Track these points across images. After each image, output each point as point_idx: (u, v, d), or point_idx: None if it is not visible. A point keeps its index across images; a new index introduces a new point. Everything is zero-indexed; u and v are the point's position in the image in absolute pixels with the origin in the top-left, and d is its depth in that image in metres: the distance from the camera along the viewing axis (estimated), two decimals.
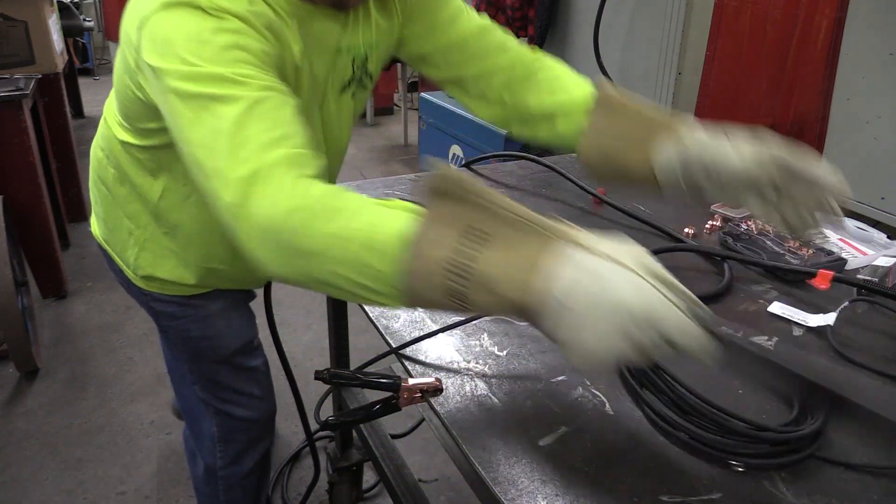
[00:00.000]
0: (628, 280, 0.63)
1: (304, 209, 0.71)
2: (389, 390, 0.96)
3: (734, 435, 0.86)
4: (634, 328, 0.62)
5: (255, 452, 1.50)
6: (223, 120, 0.76)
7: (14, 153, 2.79)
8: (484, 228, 0.65)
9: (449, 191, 0.67)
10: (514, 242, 0.65)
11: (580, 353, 0.65)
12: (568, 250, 0.66)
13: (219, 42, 0.81)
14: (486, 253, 0.64)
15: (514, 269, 0.64)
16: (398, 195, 1.62)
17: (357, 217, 0.70)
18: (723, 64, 2.42)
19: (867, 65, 2.05)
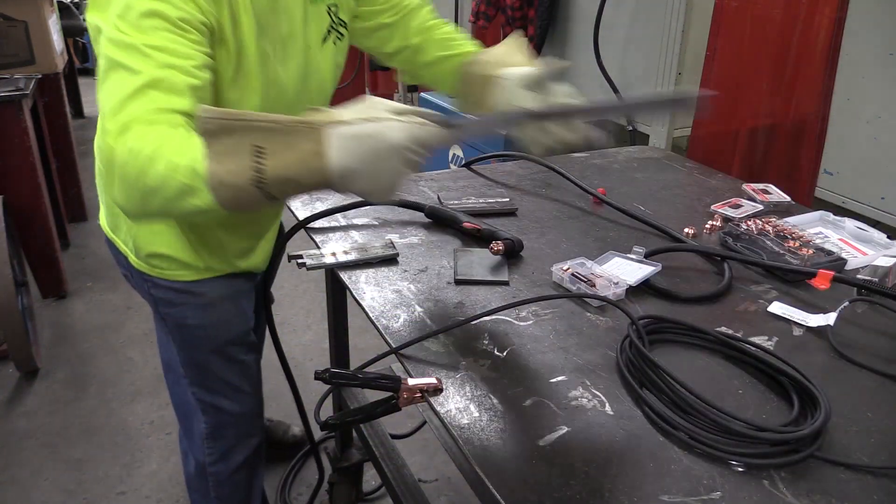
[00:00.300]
0: (385, 126, 0.84)
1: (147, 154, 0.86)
2: (389, 390, 0.96)
3: (734, 435, 0.86)
4: (409, 154, 0.85)
5: (243, 448, 1.53)
6: (122, 87, 0.91)
7: (14, 153, 2.79)
8: (261, 145, 0.81)
9: (217, 127, 0.82)
10: (290, 145, 0.82)
11: (378, 193, 0.88)
12: (331, 131, 0.83)
13: (139, 8, 0.92)
14: (272, 161, 0.81)
15: (303, 164, 0.82)
16: (398, 195, 1.62)
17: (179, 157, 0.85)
18: (723, 64, 2.42)
19: (867, 65, 2.05)
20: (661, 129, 2.79)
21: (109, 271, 3.34)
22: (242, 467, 1.54)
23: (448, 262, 1.30)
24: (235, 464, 1.53)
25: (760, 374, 1.00)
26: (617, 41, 3.01)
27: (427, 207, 1.45)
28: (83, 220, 3.84)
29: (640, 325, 1.04)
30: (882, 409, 0.95)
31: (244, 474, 1.55)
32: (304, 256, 1.27)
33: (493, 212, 1.53)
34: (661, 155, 2.00)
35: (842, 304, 1.16)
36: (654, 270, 1.24)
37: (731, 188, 1.72)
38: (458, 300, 1.18)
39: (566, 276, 1.22)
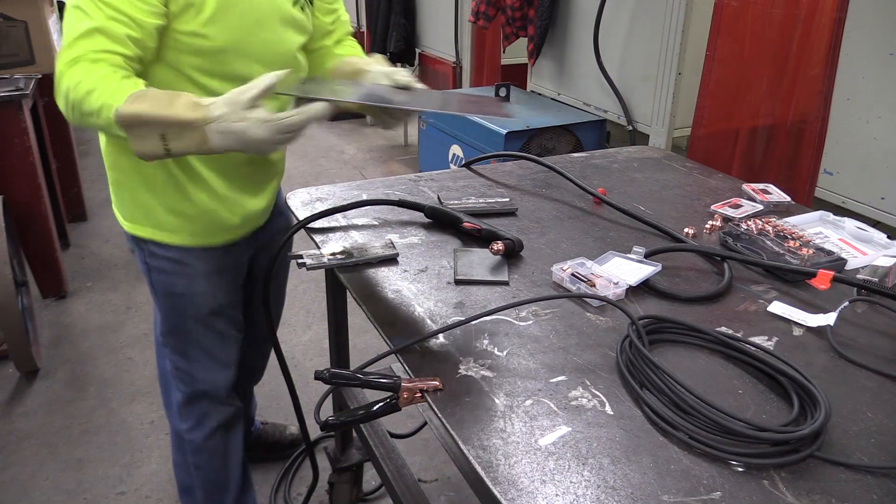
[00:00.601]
0: (248, 126, 1.09)
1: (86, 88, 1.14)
2: (389, 390, 0.97)
3: (734, 435, 0.86)
4: (275, 141, 1.11)
5: (217, 414, 1.64)
6: (77, 27, 1.18)
7: (14, 153, 2.79)
8: (165, 134, 1.11)
9: (130, 122, 1.10)
10: (184, 135, 1.11)
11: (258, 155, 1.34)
12: (208, 128, 1.10)
13: None
14: (174, 144, 1.12)
15: (196, 147, 1.12)
16: (398, 195, 1.62)
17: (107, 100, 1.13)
18: (723, 64, 2.42)
19: (867, 65, 2.05)
20: (661, 129, 2.80)
21: (109, 271, 3.34)
22: (217, 432, 1.64)
23: (448, 262, 1.30)
24: (209, 429, 1.63)
25: (760, 374, 1.00)
26: (617, 41, 3.01)
27: (427, 207, 1.45)
28: (83, 220, 3.85)
29: (640, 325, 1.04)
30: (882, 409, 0.95)
31: (219, 440, 1.65)
32: (304, 256, 1.28)
33: (493, 212, 1.53)
34: (661, 155, 2.00)
35: (842, 304, 1.16)
36: (654, 270, 1.24)
37: (731, 188, 1.72)
38: (458, 300, 1.18)
39: (566, 276, 1.22)
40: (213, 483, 1.68)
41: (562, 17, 3.35)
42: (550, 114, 3.25)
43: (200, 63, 1.31)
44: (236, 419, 1.69)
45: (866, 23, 2.04)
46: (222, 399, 1.64)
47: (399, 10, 4.80)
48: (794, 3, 2.17)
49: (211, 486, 1.68)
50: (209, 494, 1.69)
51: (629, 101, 2.98)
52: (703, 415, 0.88)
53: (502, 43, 3.78)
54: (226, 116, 1.08)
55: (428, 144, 3.75)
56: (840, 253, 1.34)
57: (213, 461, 1.66)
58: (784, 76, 2.26)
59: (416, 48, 4.92)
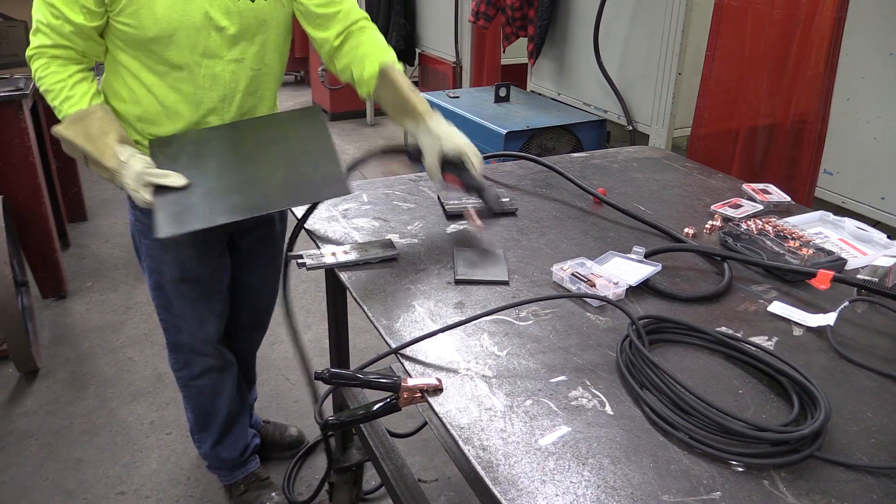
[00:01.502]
0: (130, 192, 1.37)
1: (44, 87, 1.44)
2: (389, 390, 0.97)
3: (734, 435, 0.86)
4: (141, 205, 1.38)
5: (201, 362, 1.81)
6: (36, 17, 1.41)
7: (14, 153, 2.79)
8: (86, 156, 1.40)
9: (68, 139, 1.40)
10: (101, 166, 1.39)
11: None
12: (119, 173, 1.37)
13: None
14: (91, 165, 1.41)
15: (107, 175, 1.39)
16: (398, 195, 1.62)
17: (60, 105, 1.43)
18: (723, 64, 2.42)
19: (867, 65, 2.05)
20: (661, 129, 2.80)
21: (109, 271, 3.34)
22: (202, 375, 1.82)
23: (448, 262, 1.30)
24: (195, 372, 1.82)
25: (760, 374, 1.00)
26: (617, 41, 3.01)
27: (410, 149, 1.47)
28: (83, 220, 3.84)
29: (640, 325, 1.04)
30: (882, 409, 0.95)
31: (206, 381, 1.84)
32: (304, 256, 1.28)
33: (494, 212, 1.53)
34: (661, 155, 2.00)
35: (842, 304, 1.16)
36: (654, 270, 1.24)
37: (731, 188, 1.72)
38: (458, 300, 1.18)
39: (566, 276, 1.22)
40: (201, 410, 1.89)
41: (562, 17, 3.35)
42: (550, 114, 3.25)
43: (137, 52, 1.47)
44: (224, 367, 1.85)
45: (866, 23, 2.04)
46: (204, 351, 1.80)
47: (399, 9, 4.80)
48: (794, 3, 2.17)
49: (200, 412, 1.90)
50: (198, 418, 1.91)
51: (629, 101, 2.98)
52: (703, 415, 0.88)
53: (502, 43, 3.78)
54: (127, 180, 1.36)
55: None
56: (840, 253, 1.34)
57: (200, 397, 1.87)
58: (784, 76, 2.25)
59: (416, 48, 4.92)
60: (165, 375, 2.57)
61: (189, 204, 1.32)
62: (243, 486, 2.00)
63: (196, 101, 1.50)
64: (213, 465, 2.01)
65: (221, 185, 1.37)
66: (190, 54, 1.46)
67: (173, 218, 1.30)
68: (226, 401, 1.89)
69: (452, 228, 1.46)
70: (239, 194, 1.35)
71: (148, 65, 1.47)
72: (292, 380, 2.56)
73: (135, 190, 1.35)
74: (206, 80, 1.49)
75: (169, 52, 1.45)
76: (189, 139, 1.49)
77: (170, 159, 1.42)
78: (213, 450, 1.95)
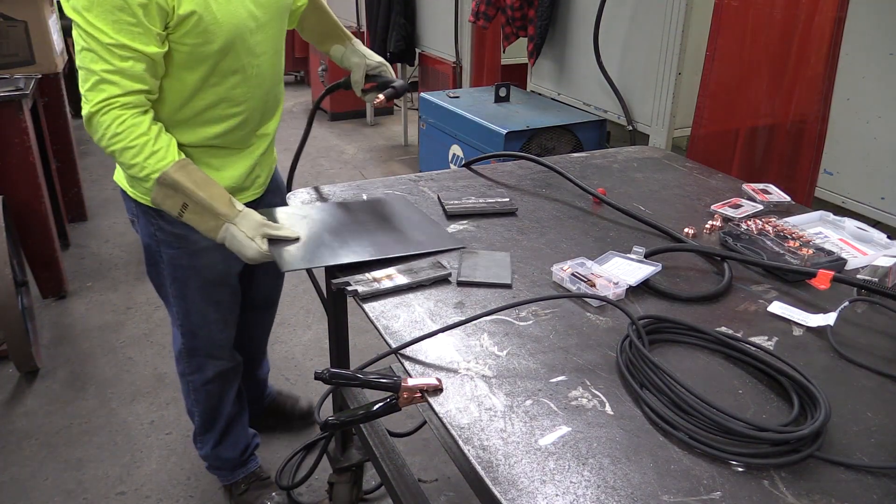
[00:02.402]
0: (247, 246, 1.37)
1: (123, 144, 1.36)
2: (389, 390, 0.97)
3: (734, 435, 0.86)
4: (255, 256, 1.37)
5: (214, 367, 1.83)
6: (94, 67, 1.31)
7: (14, 153, 2.79)
8: (187, 203, 1.39)
9: (168, 184, 1.37)
10: (202, 215, 1.39)
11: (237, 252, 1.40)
12: (223, 226, 1.39)
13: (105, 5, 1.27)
14: (188, 215, 1.40)
15: (205, 228, 1.40)
16: (398, 194, 1.62)
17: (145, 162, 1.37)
18: (723, 64, 2.42)
19: (867, 65, 2.05)
20: (661, 129, 2.80)
21: (109, 271, 3.34)
22: (214, 380, 1.85)
23: (448, 262, 1.30)
24: (207, 377, 1.84)
25: (760, 374, 1.00)
26: (617, 41, 3.01)
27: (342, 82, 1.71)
28: (83, 220, 3.84)
29: (640, 325, 1.04)
30: (882, 409, 0.95)
31: (215, 386, 1.87)
32: (351, 283, 1.21)
33: (493, 212, 1.53)
34: (661, 155, 2.00)
35: (842, 304, 1.16)
36: (654, 270, 1.24)
37: (731, 188, 1.72)
38: (459, 300, 1.18)
39: (566, 276, 1.22)
40: (208, 413, 1.92)
41: (562, 17, 3.35)
42: (550, 114, 3.25)
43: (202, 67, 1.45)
44: (233, 371, 1.90)
45: (866, 23, 2.04)
46: (220, 355, 1.83)
47: (399, 9, 4.79)
48: (794, 3, 2.17)
49: (207, 415, 1.92)
50: (204, 421, 1.93)
51: (629, 101, 2.98)
52: (703, 415, 0.88)
53: (502, 43, 3.78)
54: (242, 227, 1.37)
55: (428, 144, 3.75)
56: (840, 253, 1.34)
57: (209, 400, 1.89)
58: (784, 76, 2.25)
59: (416, 48, 4.92)
60: (165, 375, 2.57)
61: (309, 250, 1.36)
62: (244, 486, 2.01)
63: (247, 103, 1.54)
64: (213, 465, 2.02)
65: (334, 240, 1.39)
66: (246, 56, 1.47)
67: (301, 258, 1.33)
68: (230, 402, 1.92)
69: (452, 228, 1.46)
70: (353, 245, 1.37)
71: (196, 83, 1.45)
72: (292, 380, 2.56)
73: (250, 238, 1.35)
74: (255, 78, 1.53)
75: (226, 60, 1.44)
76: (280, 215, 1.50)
77: None
78: (214, 450, 1.96)
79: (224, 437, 1.95)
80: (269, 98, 1.62)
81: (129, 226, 1.74)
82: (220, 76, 1.46)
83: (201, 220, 1.39)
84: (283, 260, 1.31)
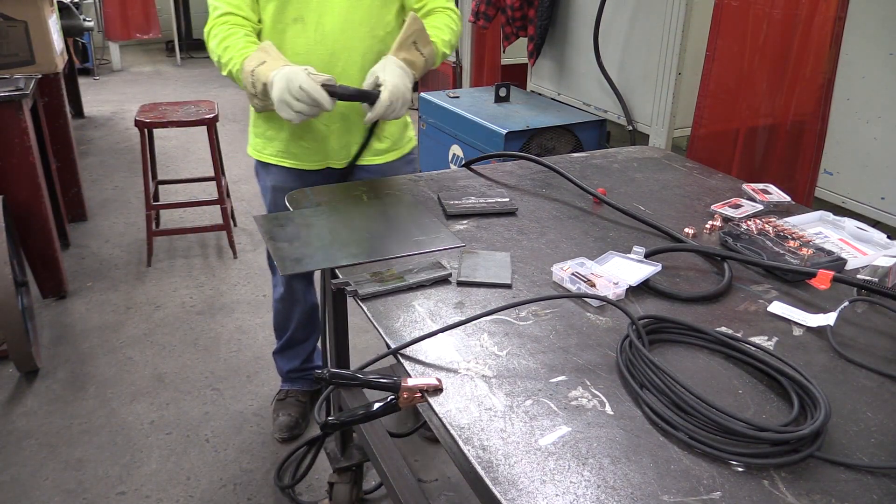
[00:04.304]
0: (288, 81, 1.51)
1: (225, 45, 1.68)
2: (389, 390, 0.97)
3: (734, 435, 0.86)
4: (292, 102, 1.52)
5: (278, 291, 2.20)
6: (217, 6, 1.72)
7: (14, 153, 2.79)
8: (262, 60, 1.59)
9: (260, 51, 1.62)
10: (267, 68, 1.56)
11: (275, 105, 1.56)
12: (273, 73, 1.53)
13: None
14: (259, 69, 1.57)
15: (264, 75, 1.56)
16: (398, 194, 1.62)
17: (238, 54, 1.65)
18: (723, 64, 2.42)
19: (867, 65, 2.05)
20: (661, 129, 2.80)
21: (109, 271, 3.34)
22: (281, 300, 2.20)
23: (448, 262, 1.30)
24: (278, 295, 2.21)
25: (760, 374, 1.00)
26: (617, 41, 3.01)
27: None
28: (83, 220, 3.84)
29: (640, 325, 1.04)
30: (882, 409, 0.95)
31: (281, 305, 2.22)
32: (351, 283, 1.21)
33: (493, 212, 1.53)
34: (661, 155, 2.00)
35: (842, 304, 1.16)
36: (654, 270, 1.24)
37: (731, 188, 1.72)
38: (458, 300, 1.18)
39: (566, 276, 1.22)
40: (276, 325, 2.31)
41: (562, 17, 3.36)
42: (550, 114, 3.25)
43: None
44: (291, 301, 2.19)
45: (866, 23, 2.04)
46: (285, 285, 2.16)
47: None
48: (794, 3, 2.17)
49: (275, 327, 2.32)
50: (275, 330, 2.33)
51: (629, 101, 2.98)
52: (703, 415, 0.88)
53: (502, 43, 3.78)
54: (277, 75, 1.52)
55: (428, 144, 3.75)
56: (840, 253, 1.34)
57: (277, 315, 2.27)
58: (784, 76, 2.25)
59: None
60: (165, 375, 2.57)
61: (308, 252, 1.35)
62: (281, 395, 2.37)
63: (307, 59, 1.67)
64: (276, 366, 2.40)
65: (334, 240, 1.41)
66: (307, 6, 1.68)
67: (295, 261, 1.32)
68: (291, 325, 2.24)
69: (452, 228, 1.46)
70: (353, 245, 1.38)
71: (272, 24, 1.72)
72: None
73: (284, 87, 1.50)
74: (317, 34, 1.70)
75: (290, 4, 1.68)
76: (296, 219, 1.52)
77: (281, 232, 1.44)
78: (276, 355, 2.36)
79: (283, 350, 2.32)
80: (335, 63, 1.72)
81: (129, 226, 1.79)
82: (285, 23, 1.70)
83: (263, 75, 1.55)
84: (283, 263, 1.31)
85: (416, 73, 1.67)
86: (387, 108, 1.55)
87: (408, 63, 1.64)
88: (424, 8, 1.81)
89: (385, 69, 1.59)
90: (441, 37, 1.76)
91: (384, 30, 1.77)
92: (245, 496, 2.05)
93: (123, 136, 5.23)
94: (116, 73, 7.16)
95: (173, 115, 3.29)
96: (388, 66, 1.60)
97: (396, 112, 1.58)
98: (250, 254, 3.52)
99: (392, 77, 1.57)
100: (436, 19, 1.80)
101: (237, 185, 4.30)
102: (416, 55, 1.66)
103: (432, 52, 1.71)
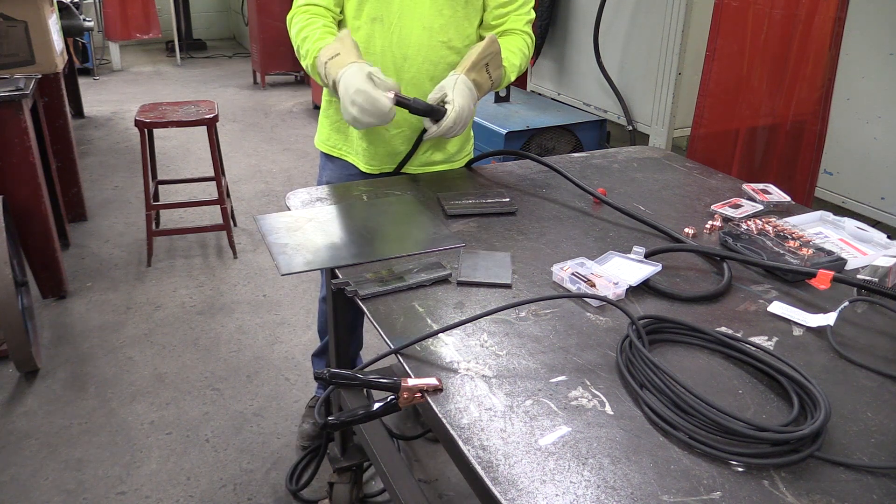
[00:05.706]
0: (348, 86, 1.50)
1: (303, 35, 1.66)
2: (389, 390, 0.97)
3: (734, 435, 0.86)
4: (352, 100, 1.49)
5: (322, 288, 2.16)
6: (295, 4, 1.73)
7: (14, 153, 2.79)
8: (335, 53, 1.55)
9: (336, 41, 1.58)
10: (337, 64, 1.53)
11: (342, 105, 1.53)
12: (341, 71, 1.51)
13: None
14: (330, 63, 1.54)
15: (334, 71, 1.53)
16: (398, 194, 1.62)
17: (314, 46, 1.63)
18: (723, 64, 2.42)
19: (867, 65, 2.05)
20: (661, 129, 2.80)
21: (109, 271, 3.34)
22: (323, 300, 2.15)
23: (448, 262, 1.30)
24: (321, 297, 2.18)
25: (760, 374, 1.00)
26: (617, 41, 3.01)
27: None
28: (83, 220, 3.84)
29: (640, 325, 1.04)
30: (882, 409, 0.95)
31: (325, 306, 2.12)
32: (350, 284, 1.21)
33: (493, 212, 1.53)
34: (661, 155, 2.00)
35: (842, 304, 1.16)
36: (654, 270, 1.24)
37: (731, 188, 1.72)
38: (458, 300, 1.18)
39: (566, 276, 1.22)
40: (321, 323, 2.27)
41: (562, 16, 3.36)
42: (550, 114, 3.25)
43: None
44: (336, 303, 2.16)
45: (866, 23, 2.04)
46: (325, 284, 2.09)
47: None
48: (794, 3, 2.17)
49: (320, 325, 2.29)
50: (319, 330, 2.31)
51: (629, 101, 2.98)
52: (703, 415, 0.88)
53: None
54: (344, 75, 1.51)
55: None
56: (840, 253, 1.34)
57: (321, 315, 2.24)
58: (784, 76, 2.26)
59: None
60: (165, 375, 2.57)
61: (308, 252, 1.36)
62: (312, 402, 2.34)
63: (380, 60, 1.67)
64: (313, 370, 2.43)
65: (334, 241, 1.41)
66: (387, 8, 1.66)
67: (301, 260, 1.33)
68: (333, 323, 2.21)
69: (452, 228, 1.46)
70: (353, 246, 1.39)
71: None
72: (292, 380, 2.56)
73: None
74: (394, 37, 1.68)
75: (370, 2, 1.66)
76: None
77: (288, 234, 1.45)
78: (315, 357, 2.34)
79: (322, 353, 2.30)
80: (407, 68, 1.69)
81: (129, 226, 1.76)
82: (362, 20, 1.69)
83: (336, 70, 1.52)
84: (283, 263, 1.31)
85: (480, 95, 1.66)
86: (449, 130, 1.57)
87: (476, 84, 1.62)
88: (502, 27, 1.76)
89: (455, 88, 1.57)
90: (512, 61, 1.73)
91: (462, 42, 1.73)
92: (245, 496, 2.05)
93: (123, 136, 5.23)
94: (116, 73, 7.16)
95: (173, 115, 3.29)
96: (458, 87, 1.58)
97: (455, 133, 1.60)
98: (250, 254, 3.52)
99: (460, 98, 1.57)
100: (511, 41, 1.75)
101: (237, 185, 4.31)
102: (484, 77, 1.63)
103: (500, 77, 1.68)
